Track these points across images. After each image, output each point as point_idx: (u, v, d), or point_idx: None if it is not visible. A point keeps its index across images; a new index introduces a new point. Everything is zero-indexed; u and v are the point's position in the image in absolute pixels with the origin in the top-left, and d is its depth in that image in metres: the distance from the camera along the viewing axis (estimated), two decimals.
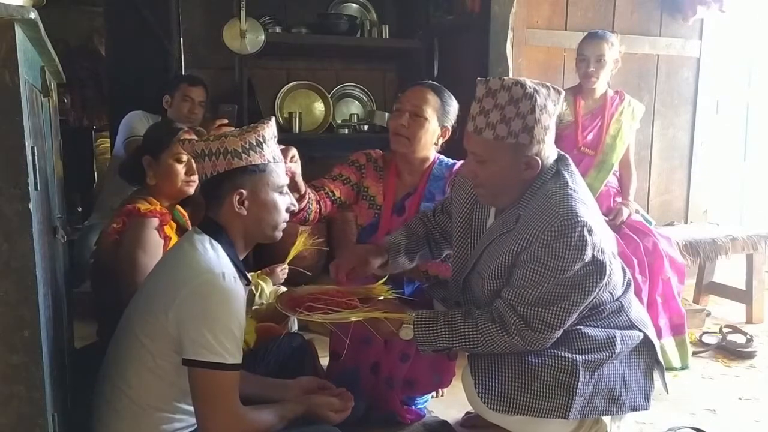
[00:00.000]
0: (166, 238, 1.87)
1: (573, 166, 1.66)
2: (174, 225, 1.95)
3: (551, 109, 1.57)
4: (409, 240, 1.95)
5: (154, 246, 1.82)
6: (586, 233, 1.50)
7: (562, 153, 1.68)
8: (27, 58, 1.15)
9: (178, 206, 2.04)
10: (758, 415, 2.33)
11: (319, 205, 2.09)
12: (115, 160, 3.17)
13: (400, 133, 2.13)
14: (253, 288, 2.40)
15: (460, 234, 1.82)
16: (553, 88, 1.58)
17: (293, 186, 1.89)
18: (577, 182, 1.62)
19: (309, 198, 2.03)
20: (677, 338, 2.69)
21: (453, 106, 2.19)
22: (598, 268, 1.53)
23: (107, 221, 1.97)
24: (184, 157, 1.92)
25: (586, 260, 1.51)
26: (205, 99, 3.16)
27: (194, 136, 1.86)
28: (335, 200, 2.17)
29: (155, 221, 1.85)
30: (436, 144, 2.19)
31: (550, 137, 1.60)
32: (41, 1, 1.48)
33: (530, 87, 1.54)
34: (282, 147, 1.67)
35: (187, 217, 2.05)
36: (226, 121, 3.05)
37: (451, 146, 2.21)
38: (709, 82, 3.85)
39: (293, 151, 1.91)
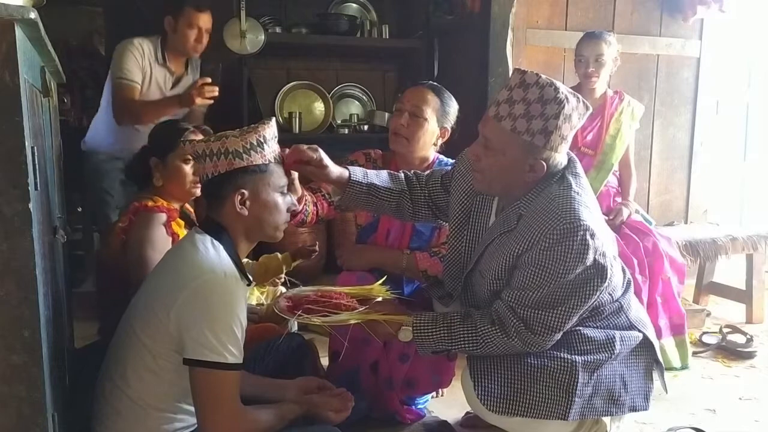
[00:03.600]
0: (174, 235, 1.85)
1: (579, 169, 1.65)
2: (182, 222, 1.92)
3: (575, 121, 1.56)
4: (382, 185, 1.84)
5: (162, 242, 1.80)
6: (588, 237, 1.49)
7: (572, 156, 1.67)
8: (27, 58, 1.15)
9: (186, 205, 2.03)
10: (758, 415, 2.33)
11: (316, 207, 2.06)
12: (106, 97, 2.97)
13: (399, 132, 2.12)
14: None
15: (456, 226, 1.81)
16: (583, 101, 1.57)
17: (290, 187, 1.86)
18: (581, 185, 1.61)
19: (306, 200, 2.02)
20: (677, 338, 2.69)
21: (453, 107, 2.18)
22: (599, 271, 1.53)
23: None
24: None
25: (588, 264, 1.51)
26: (210, 27, 2.88)
27: (200, 136, 1.85)
28: (332, 201, 2.14)
29: (163, 216, 1.83)
30: (435, 144, 2.18)
31: (564, 147, 1.59)
32: (41, 1, 1.48)
33: (562, 93, 1.52)
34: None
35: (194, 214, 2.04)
36: (209, 80, 2.81)
37: (451, 147, 2.21)
38: (709, 82, 3.85)
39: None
